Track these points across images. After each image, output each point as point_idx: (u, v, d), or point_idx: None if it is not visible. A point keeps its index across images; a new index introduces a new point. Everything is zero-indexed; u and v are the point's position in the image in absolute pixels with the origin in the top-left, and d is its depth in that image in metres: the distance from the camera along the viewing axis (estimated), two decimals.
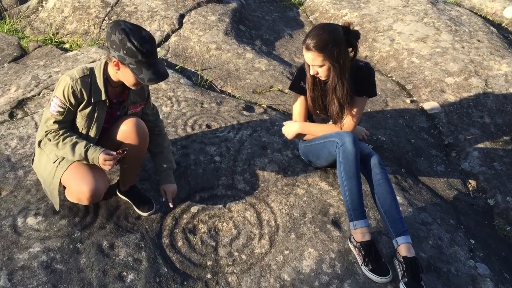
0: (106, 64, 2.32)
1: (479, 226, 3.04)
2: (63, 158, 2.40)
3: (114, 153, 2.27)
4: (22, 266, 2.26)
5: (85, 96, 2.30)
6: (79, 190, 2.34)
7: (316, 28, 2.48)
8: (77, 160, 2.34)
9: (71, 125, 2.39)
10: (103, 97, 2.33)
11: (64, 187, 2.55)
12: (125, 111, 2.51)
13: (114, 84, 2.36)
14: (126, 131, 2.41)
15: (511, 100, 4.13)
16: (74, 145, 2.30)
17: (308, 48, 2.45)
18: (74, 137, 2.33)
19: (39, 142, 2.42)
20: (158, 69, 2.21)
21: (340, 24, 2.53)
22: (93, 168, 2.39)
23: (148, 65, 2.16)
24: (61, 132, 2.33)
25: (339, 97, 2.58)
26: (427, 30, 5.17)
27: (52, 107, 2.31)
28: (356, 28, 5.31)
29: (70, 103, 2.29)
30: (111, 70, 2.30)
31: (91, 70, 2.33)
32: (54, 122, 2.33)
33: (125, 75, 2.24)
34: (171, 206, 2.61)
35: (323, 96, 2.70)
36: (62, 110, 2.30)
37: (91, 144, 2.32)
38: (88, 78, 2.30)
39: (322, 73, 2.53)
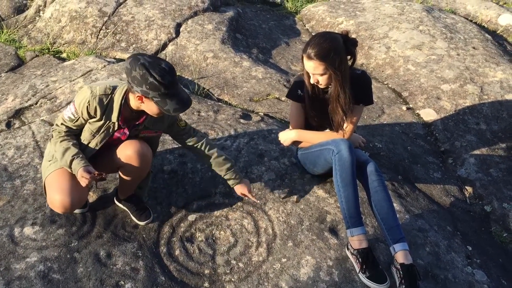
0: (127, 90, 2.31)
1: (476, 233, 3.05)
2: (55, 160, 2.42)
3: (95, 172, 2.25)
4: (19, 276, 2.25)
5: (98, 114, 2.32)
6: (53, 198, 2.33)
7: (317, 37, 2.49)
8: (63, 166, 2.34)
9: (78, 132, 2.41)
10: (114, 120, 2.35)
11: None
12: (136, 133, 2.49)
13: (133, 110, 2.37)
14: (127, 155, 2.39)
15: (506, 106, 4.15)
16: (65, 150, 2.31)
17: (309, 57, 2.45)
18: (71, 142, 2.34)
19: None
20: (181, 98, 2.21)
21: (338, 32, 2.54)
22: (75, 180, 2.36)
23: (172, 96, 2.16)
24: (64, 133, 2.36)
25: (343, 105, 2.59)
26: (422, 37, 5.21)
27: (66, 111, 2.37)
28: (352, 36, 5.34)
29: (82, 115, 2.32)
30: (133, 101, 2.30)
31: (113, 89, 2.33)
32: (62, 124, 2.37)
33: (149, 107, 2.25)
34: (257, 201, 2.78)
35: (322, 105, 2.71)
36: (73, 118, 2.34)
37: (80, 156, 2.31)
38: (107, 98, 2.31)
39: (322, 81, 2.54)
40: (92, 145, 2.40)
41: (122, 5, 5.25)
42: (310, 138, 2.81)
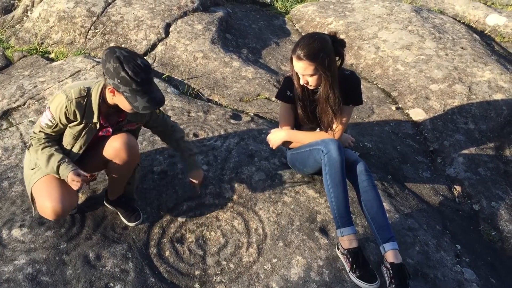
0: (104, 86, 2.29)
1: (465, 232, 3.07)
2: (39, 167, 2.38)
3: (85, 174, 2.23)
4: (7, 279, 2.23)
5: (78, 117, 2.29)
6: (43, 205, 2.29)
7: (306, 37, 2.49)
8: (50, 172, 2.32)
9: (57, 137, 2.37)
10: (95, 120, 2.32)
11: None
12: (119, 128, 2.47)
13: (110, 106, 2.34)
14: (115, 148, 2.36)
15: (494, 106, 4.19)
16: (49, 157, 2.27)
17: (299, 58, 2.45)
18: (53, 148, 2.31)
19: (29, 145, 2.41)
20: (153, 97, 2.18)
21: (327, 33, 2.55)
22: (63, 185, 2.34)
23: (143, 93, 2.14)
24: (43, 140, 2.32)
25: (332, 105, 2.59)
26: (411, 38, 5.24)
27: (43, 118, 2.31)
28: (341, 36, 5.36)
29: (60, 121, 2.29)
30: (108, 95, 2.28)
31: (88, 90, 2.29)
32: (40, 131, 2.32)
33: (120, 101, 2.22)
34: (198, 192, 2.80)
35: (311, 106, 2.72)
36: (51, 124, 2.30)
37: (66, 160, 2.28)
38: (84, 99, 2.28)
39: (312, 82, 2.54)
40: (75, 149, 2.37)
41: (111, 5, 5.22)
42: (300, 138, 2.81)
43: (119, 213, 2.65)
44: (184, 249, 2.54)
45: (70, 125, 2.31)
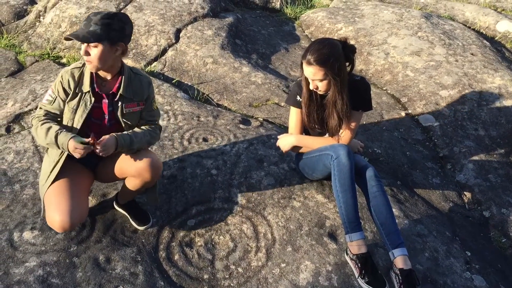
0: None
1: (474, 238, 3.05)
2: (50, 172, 2.40)
3: (86, 140, 2.22)
4: (18, 281, 2.25)
5: (72, 87, 2.35)
6: (52, 218, 2.28)
7: (316, 43, 2.51)
8: (48, 145, 2.33)
9: (57, 117, 2.41)
10: (87, 89, 2.36)
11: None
12: (119, 108, 2.43)
13: (103, 79, 2.40)
14: (140, 167, 2.37)
15: (505, 112, 4.17)
16: (48, 129, 2.29)
17: (309, 63, 2.47)
18: (53, 123, 2.33)
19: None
20: (80, 30, 2.22)
21: (337, 38, 2.56)
22: (74, 195, 2.34)
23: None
24: (43, 118, 2.36)
25: (339, 111, 2.60)
26: (421, 44, 5.23)
27: (44, 97, 2.40)
28: (351, 42, 5.37)
29: (58, 93, 2.36)
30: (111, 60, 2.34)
31: (84, 64, 2.38)
32: (40, 109, 2.39)
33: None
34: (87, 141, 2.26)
35: (319, 111, 2.72)
36: (51, 99, 2.37)
37: (64, 130, 2.29)
38: (79, 70, 2.37)
39: (322, 87, 2.55)
40: (75, 123, 2.38)
41: (122, 10, 5.27)
42: (310, 143, 2.81)
43: (128, 216, 2.67)
44: (193, 253, 2.55)
45: (67, 100, 2.36)
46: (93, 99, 2.38)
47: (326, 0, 7.23)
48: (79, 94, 2.36)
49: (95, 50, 2.24)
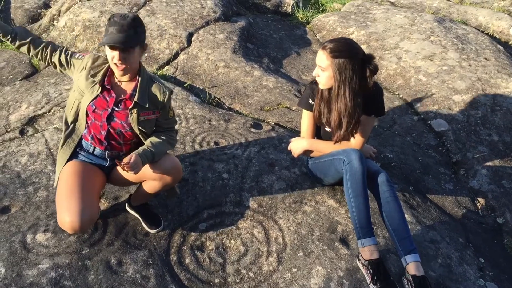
0: None
1: (488, 245, 3.02)
2: (62, 168, 2.47)
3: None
4: (31, 283, 2.27)
5: (87, 67, 2.42)
6: (62, 219, 2.27)
7: (341, 38, 2.56)
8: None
9: (61, 54, 2.51)
10: (98, 78, 2.41)
11: None
12: (130, 112, 2.42)
13: (118, 80, 2.46)
14: (163, 171, 2.42)
15: None
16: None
17: (323, 48, 2.50)
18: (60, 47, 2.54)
19: None
20: (113, 35, 2.23)
21: (364, 51, 2.53)
22: (84, 195, 2.32)
23: (106, 31, 2.26)
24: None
25: (339, 110, 2.57)
26: (433, 48, 5.20)
27: (78, 54, 2.53)
28: (363, 46, 5.35)
29: (75, 58, 2.49)
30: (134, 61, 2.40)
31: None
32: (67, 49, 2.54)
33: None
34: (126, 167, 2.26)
35: (327, 106, 2.70)
36: (77, 56, 2.51)
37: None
38: (103, 60, 2.46)
39: (321, 78, 2.55)
40: (82, 105, 2.44)
41: None
42: (322, 147, 2.81)
43: (140, 219, 2.68)
44: (204, 256, 2.55)
45: (79, 75, 2.44)
46: (100, 89, 2.41)
47: (338, 4, 7.22)
48: (91, 78, 2.42)
49: (131, 55, 2.29)
